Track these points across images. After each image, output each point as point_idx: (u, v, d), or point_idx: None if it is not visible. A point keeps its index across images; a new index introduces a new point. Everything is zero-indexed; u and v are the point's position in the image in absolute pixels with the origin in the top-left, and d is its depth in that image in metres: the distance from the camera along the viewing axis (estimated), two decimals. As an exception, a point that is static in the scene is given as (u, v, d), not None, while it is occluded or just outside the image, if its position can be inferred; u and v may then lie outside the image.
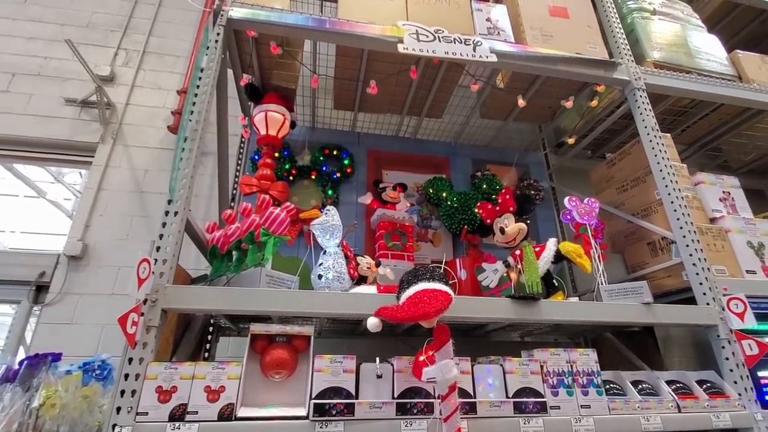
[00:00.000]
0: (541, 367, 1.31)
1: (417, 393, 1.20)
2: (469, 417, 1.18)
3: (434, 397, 1.18)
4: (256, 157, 2.18)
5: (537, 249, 1.74)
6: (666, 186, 1.78)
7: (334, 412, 1.11)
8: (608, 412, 1.29)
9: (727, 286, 1.61)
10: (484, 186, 2.34)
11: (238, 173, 2.29)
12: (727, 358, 1.48)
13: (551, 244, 1.72)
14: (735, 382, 1.44)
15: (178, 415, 1.06)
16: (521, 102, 2.13)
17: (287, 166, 2.26)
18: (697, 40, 2.24)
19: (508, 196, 1.89)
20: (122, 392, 1.05)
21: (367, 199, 2.20)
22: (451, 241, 2.34)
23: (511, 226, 1.81)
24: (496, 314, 1.34)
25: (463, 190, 2.39)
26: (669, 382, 1.45)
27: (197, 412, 1.07)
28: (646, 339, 2.48)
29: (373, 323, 1.09)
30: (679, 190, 1.76)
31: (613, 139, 2.63)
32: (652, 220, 1.92)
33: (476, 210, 1.98)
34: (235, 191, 2.21)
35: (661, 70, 2.06)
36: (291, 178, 2.26)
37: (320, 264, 1.45)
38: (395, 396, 1.18)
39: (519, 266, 1.74)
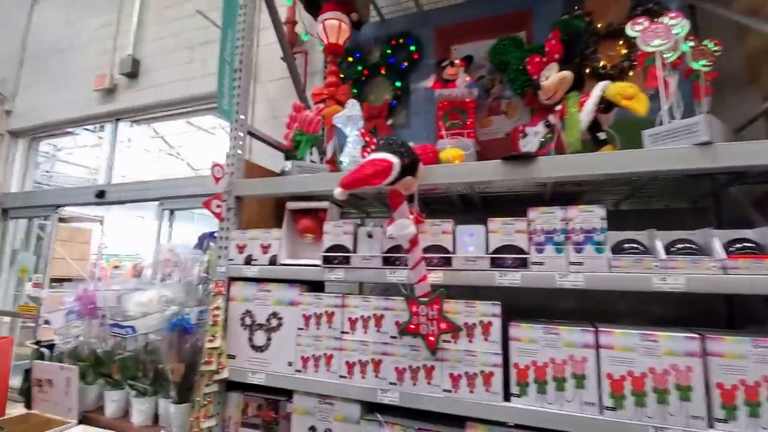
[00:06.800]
0: (528, 224, 1.26)
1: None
2: (445, 269, 1.32)
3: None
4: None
5: (583, 99, 1.47)
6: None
7: (336, 262, 1.47)
8: (608, 270, 1.16)
9: None
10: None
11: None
12: None
13: (597, 90, 1.42)
14: None
15: (248, 260, 1.63)
16: None
17: (359, 68, 2.44)
18: None
19: (553, 41, 1.58)
20: (221, 248, 1.69)
21: (429, 82, 2.19)
22: (529, 110, 2.10)
23: (551, 78, 1.54)
24: (477, 177, 1.33)
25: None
26: (735, 241, 1.12)
27: (257, 259, 1.61)
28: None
29: (337, 192, 1.32)
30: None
31: None
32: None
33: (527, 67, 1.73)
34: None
35: None
36: (363, 78, 2.44)
37: (342, 151, 1.71)
38: (383, 252, 1.43)
39: (559, 124, 1.52)
